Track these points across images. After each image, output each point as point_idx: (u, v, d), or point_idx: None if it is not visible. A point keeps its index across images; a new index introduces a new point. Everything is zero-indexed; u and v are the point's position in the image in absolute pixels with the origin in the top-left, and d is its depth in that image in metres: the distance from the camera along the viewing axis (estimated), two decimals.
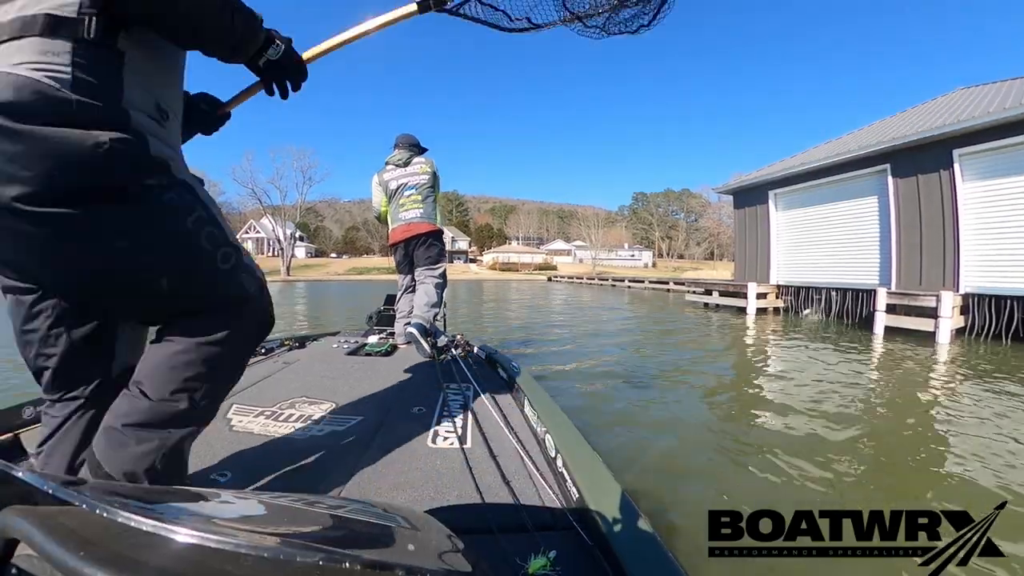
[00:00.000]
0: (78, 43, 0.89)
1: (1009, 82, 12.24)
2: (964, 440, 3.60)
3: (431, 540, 0.55)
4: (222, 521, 0.48)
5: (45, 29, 0.87)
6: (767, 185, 15.14)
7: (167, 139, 1.05)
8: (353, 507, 0.65)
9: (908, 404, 4.73)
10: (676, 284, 28.32)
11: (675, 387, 5.39)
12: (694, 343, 8.89)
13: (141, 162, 0.97)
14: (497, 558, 1.05)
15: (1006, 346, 8.32)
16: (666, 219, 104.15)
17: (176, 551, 0.35)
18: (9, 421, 1.81)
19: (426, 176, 3.88)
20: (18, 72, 0.84)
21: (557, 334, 9.91)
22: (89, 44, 0.90)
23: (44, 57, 0.86)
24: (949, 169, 9.94)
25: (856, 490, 2.77)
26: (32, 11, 0.87)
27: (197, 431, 1.14)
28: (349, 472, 1.55)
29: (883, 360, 7.07)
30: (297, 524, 0.55)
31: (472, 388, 2.47)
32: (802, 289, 13.66)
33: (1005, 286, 9.03)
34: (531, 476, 1.53)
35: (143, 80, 1.00)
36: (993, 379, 5.73)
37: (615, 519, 1.12)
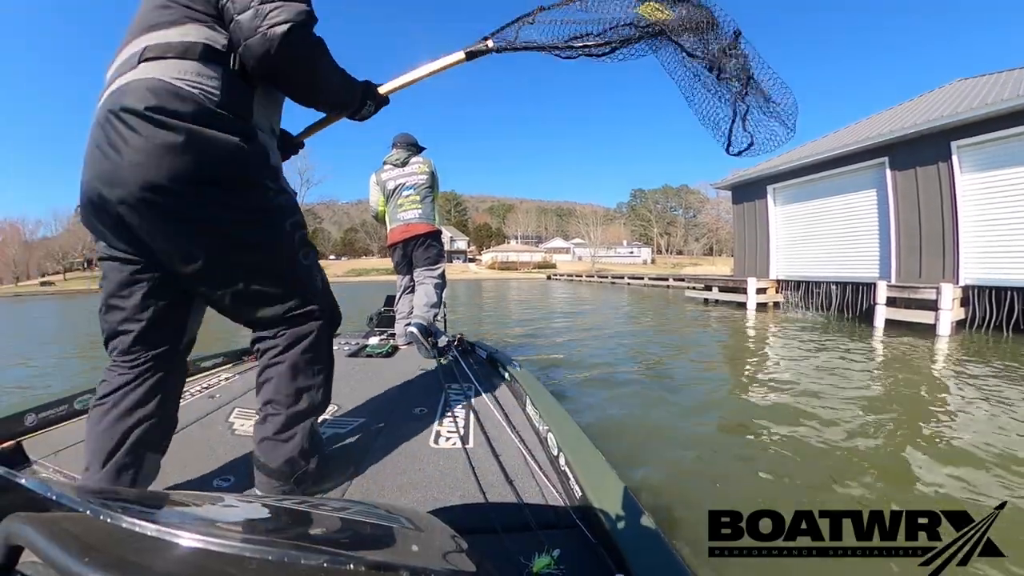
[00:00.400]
0: (225, 71, 1.15)
1: (1007, 73, 12.22)
2: (965, 436, 3.60)
3: (435, 541, 0.55)
4: (226, 525, 0.48)
5: (203, 56, 1.12)
6: (766, 180, 15.11)
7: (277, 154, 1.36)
8: (356, 509, 0.65)
9: (909, 398, 4.73)
10: (676, 280, 28.32)
11: (675, 384, 5.39)
12: (694, 339, 8.89)
13: (265, 166, 1.25)
14: (501, 557, 1.05)
15: (1007, 338, 8.32)
16: (664, 215, 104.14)
17: (180, 555, 0.35)
18: (11, 428, 1.81)
19: (424, 176, 3.85)
20: (180, 85, 1.08)
21: (557, 333, 9.90)
22: (232, 73, 1.16)
23: (200, 78, 1.11)
24: (948, 161, 9.92)
25: (856, 488, 2.77)
26: (193, 39, 1.12)
27: (320, 412, 1.46)
28: (352, 473, 1.55)
29: (884, 353, 7.06)
30: (300, 527, 0.55)
31: (474, 388, 2.47)
32: (802, 283, 13.66)
33: (1005, 278, 9.03)
34: (534, 475, 1.53)
35: (265, 105, 1.28)
36: (994, 372, 5.73)
37: (618, 517, 1.12)
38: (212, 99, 1.11)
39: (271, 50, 1.11)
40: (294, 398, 1.36)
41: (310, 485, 1.40)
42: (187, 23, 1.13)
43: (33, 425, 1.89)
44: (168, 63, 1.09)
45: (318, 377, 1.42)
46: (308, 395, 1.38)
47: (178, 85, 1.08)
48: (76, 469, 1.60)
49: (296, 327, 1.37)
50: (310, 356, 1.38)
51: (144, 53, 1.10)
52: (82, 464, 1.29)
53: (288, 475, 1.34)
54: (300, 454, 1.36)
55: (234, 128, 1.14)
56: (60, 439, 1.85)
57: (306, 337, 1.38)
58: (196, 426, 2.02)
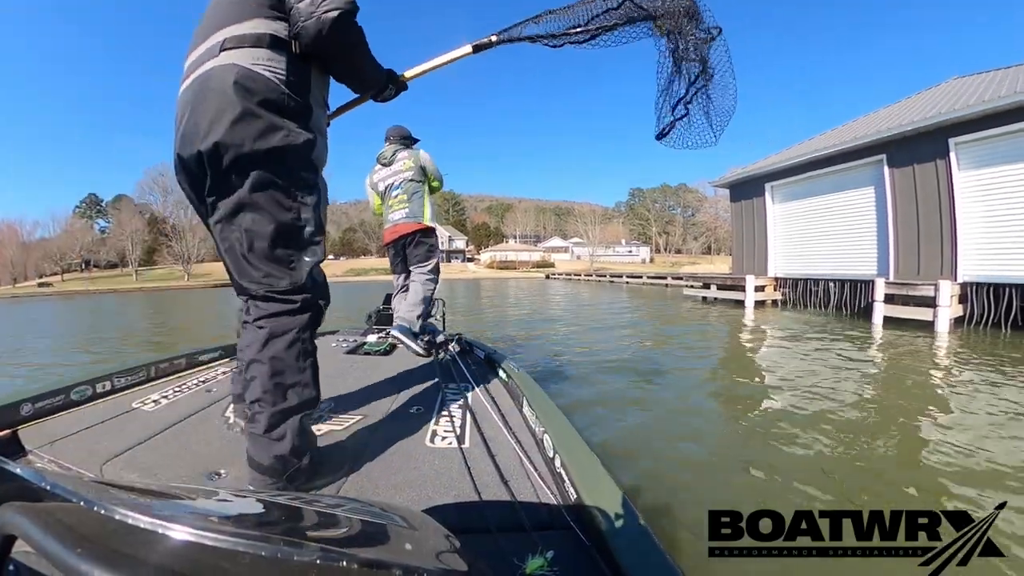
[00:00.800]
0: (289, 55, 1.38)
1: (1003, 71, 12.23)
2: (964, 435, 3.60)
3: (428, 539, 0.55)
4: (220, 519, 0.48)
5: (271, 44, 1.36)
6: (763, 178, 15.12)
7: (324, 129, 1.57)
8: (351, 506, 0.65)
9: (907, 396, 4.74)
10: (674, 279, 28.33)
11: (674, 383, 5.39)
12: (693, 337, 8.89)
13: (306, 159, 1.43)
14: (495, 558, 1.05)
15: (1005, 334, 8.33)
16: (663, 214, 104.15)
17: (174, 548, 0.35)
18: (7, 417, 1.81)
19: (410, 172, 3.77)
20: (255, 69, 1.33)
21: (556, 332, 9.89)
22: (294, 56, 1.39)
23: (270, 61, 1.35)
24: (945, 158, 9.93)
25: (855, 488, 2.77)
26: (262, 30, 1.35)
27: (311, 409, 1.46)
28: (347, 471, 1.55)
29: (882, 350, 7.07)
30: (294, 523, 0.55)
31: (471, 388, 2.47)
32: (800, 281, 13.67)
33: (1003, 274, 9.03)
34: (529, 476, 1.53)
35: (318, 80, 1.50)
36: (993, 369, 5.74)
37: (613, 519, 1.12)
38: (279, 77, 1.36)
39: (323, 31, 1.33)
40: (281, 395, 1.38)
41: (303, 482, 1.41)
42: (255, 17, 1.36)
43: (29, 414, 1.89)
44: (244, 51, 1.33)
45: (304, 373, 1.43)
46: (294, 391, 1.40)
47: (254, 69, 1.32)
48: (72, 459, 1.60)
49: (280, 316, 1.41)
50: (295, 351, 1.41)
51: (224, 44, 1.34)
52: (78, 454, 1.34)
53: (280, 472, 1.37)
54: (291, 452, 1.38)
55: (292, 105, 1.38)
56: (56, 429, 1.84)
57: (289, 331, 1.41)
58: (192, 420, 2.01)
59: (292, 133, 1.36)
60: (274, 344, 1.39)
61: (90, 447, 1.70)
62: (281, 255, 1.40)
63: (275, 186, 1.35)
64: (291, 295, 1.42)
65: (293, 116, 1.38)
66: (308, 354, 1.45)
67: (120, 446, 1.71)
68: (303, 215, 1.42)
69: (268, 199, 1.35)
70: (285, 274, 1.41)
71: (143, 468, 1.57)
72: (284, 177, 1.37)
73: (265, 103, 1.32)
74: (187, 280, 66.63)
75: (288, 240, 1.40)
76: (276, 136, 1.32)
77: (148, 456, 1.66)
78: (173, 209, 77.72)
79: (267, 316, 1.41)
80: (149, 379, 2.56)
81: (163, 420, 1.98)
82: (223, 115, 1.27)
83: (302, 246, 1.44)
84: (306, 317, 1.45)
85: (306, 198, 1.43)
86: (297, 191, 1.40)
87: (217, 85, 1.30)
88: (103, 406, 2.15)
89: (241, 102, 1.28)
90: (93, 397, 2.21)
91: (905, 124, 10.56)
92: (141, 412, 2.10)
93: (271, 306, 1.41)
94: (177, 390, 2.42)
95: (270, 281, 1.40)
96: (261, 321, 1.41)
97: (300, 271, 1.43)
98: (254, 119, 1.29)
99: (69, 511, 0.39)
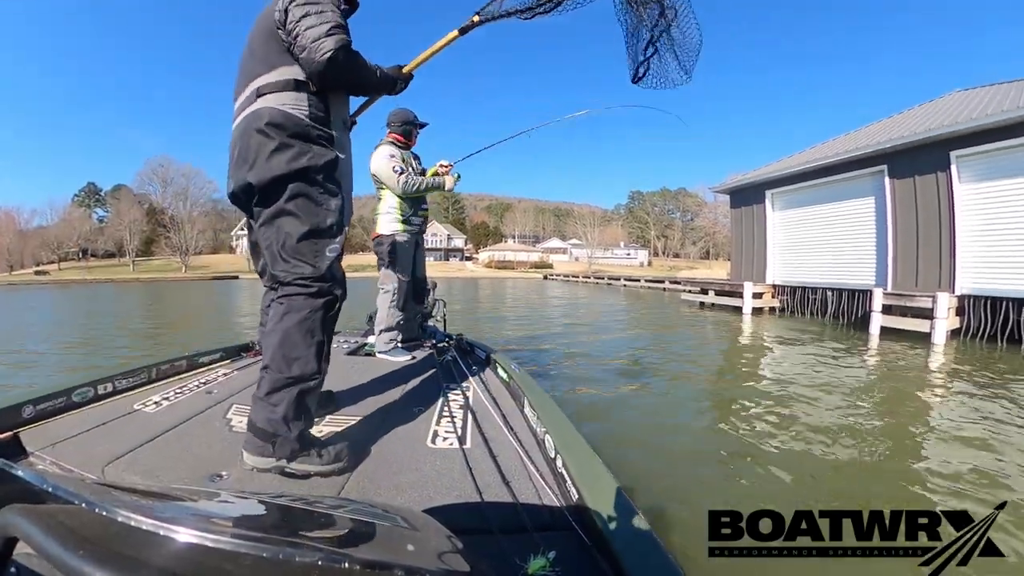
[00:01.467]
0: (310, 92, 1.67)
1: (1006, 85, 12.27)
2: (962, 441, 3.62)
3: (430, 540, 0.55)
4: (221, 521, 0.47)
5: (296, 86, 1.65)
6: (764, 185, 15.14)
7: (347, 145, 1.87)
8: (352, 507, 0.65)
9: (905, 405, 4.75)
10: (672, 283, 28.34)
11: (673, 388, 5.40)
12: (691, 344, 8.91)
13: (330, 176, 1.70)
14: (496, 558, 1.05)
15: (1001, 348, 8.35)
16: (662, 218, 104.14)
17: (175, 550, 0.35)
18: (9, 420, 1.80)
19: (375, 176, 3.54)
20: (283, 109, 1.62)
21: (555, 333, 9.91)
22: (313, 93, 1.68)
23: (295, 101, 1.65)
24: (946, 171, 9.95)
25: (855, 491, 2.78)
26: (286, 77, 1.65)
27: (309, 386, 1.60)
28: (348, 472, 1.55)
29: (879, 361, 7.09)
30: (296, 524, 0.55)
31: (472, 388, 2.47)
32: (798, 289, 13.69)
33: (1001, 287, 9.05)
34: (531, 477, 1.53)
35: (335, 105, 1.77)
36: (989, 381, 5.75)
37: (614, 519, 1.12)
38: (304, 113, 1.65)
39: (324, 70, 1.60)
40: (285, 364, 1.57)
41: (288, 455, 1.53)
42: (281, 66, 1.66)
43: (31, 416, 1.88)
44: (275, 96, 1.63)
45: (309, 349, 1.61)
46: (298, 363, 1.58)
47: (283, 109, 1.62)
48: (73, 461, 1.60)
49: (298, 296, 1.63)
50: (306, 327, 1.61)
51: (260, 90, 1.65)
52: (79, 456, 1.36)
53: (269, 435, 1.52)
54: (282, 419, 1.52)
55: (316, 135, 1.67)
56: (58, 431, 1.84)
57: (303, 310, 1.62)
58: (193, 421, 2.01)
59: (316, 155, 1.64)
60: (288, 318, 1.60)
61: (92, 449, 1.70)
62: (307, 249, 1.64)
63: (305, 196, 1.63)
64: (311, 281, 1.63)
65: (318, 141, 1.66)
66: (315, 334, 1.63)
67: (122, 448, 1.70)
68: (328, 219, 1.67)
69: (299, 206, 1.63)
70: (309, 264, 1.63)
71: (145, 470, 1.57)
72: (312, 189, 1.64)
73: (295, 135, 1.61)
74: (184, 272, 66.63)
75: (313, 237, 1.64)
76: (304, 159, 1.61)
77: (150, 458, 1.65)
78: (172, 200, 77.88)
79: (287, 296, 1.64)
80: (150, 381, 2.55)
81: (164, 422, 1.98)
82: (264, 147, 1.59)
83: (325, 243, 1.67)
84: (321, 302, 1.65)
85: (330, 203, 1.68)
86: (322, 199, 1.67)
87: (257, 125, 1.61)
88: (104, 408, 2.14)
89: (277, 137, 1.59)
90: (94, 399, 2.20)
91: (907, 135, 10.57)
92: (142, 414, 2.10)
93: (292, 288, 1.63)
94: (178, 392, 2.42)
95: (297, 269, 1.63)
96: (282, 299, 1.65)
97: (322, 263, 1.65)
98: (287, 148, 1.60)
99: (71, 513, 0.38)
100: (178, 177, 78.88)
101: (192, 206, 78.04)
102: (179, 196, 77.50)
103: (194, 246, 74.52)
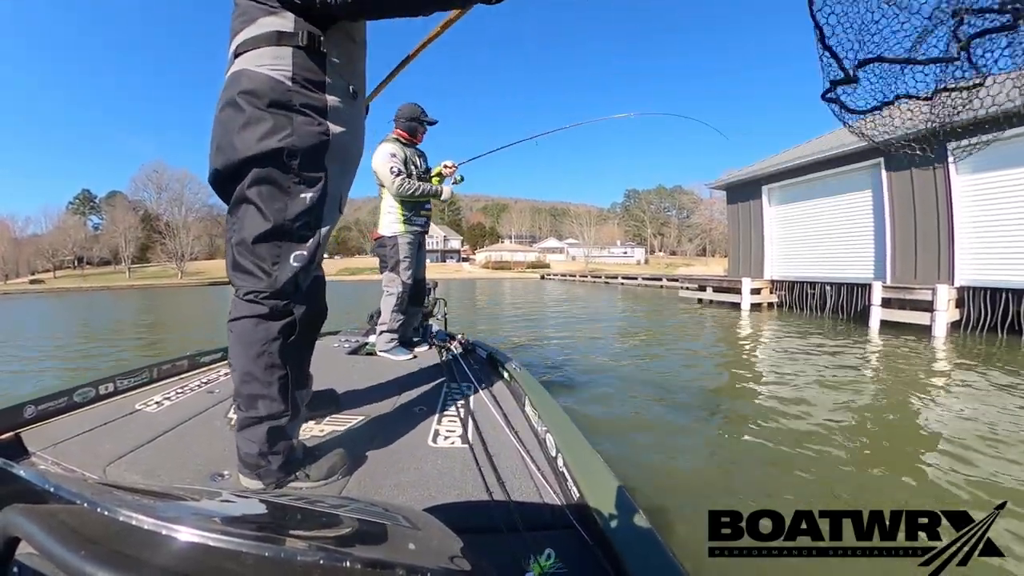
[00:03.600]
0: (294, 48, 1.31)
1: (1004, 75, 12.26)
2: (963, 437, 3.62)
3: (432, 539, 0.55)
4: (223, 520, 0.47)
5: (276, 40, 1.31)
6: (761, 180, 15.16)
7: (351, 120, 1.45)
8: (354, 506, 0.65)
9: (905, 400, 4.76)
10: (669, 280, 28.38)
11: (672, 385, 5.40)
12: (689, 341, 8.92)
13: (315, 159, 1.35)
14: (498, 557, 1.05)
15: (1001, 339, 8.38)
16: (658, 216, 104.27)
17: (177, 550, 0.35)
18: (10, 420, 1.80)
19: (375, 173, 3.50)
20: (259, 70, 1.29)
21: (554, 332, 9.92)
22: (301, 48, 1.32)
23: (274, 60, 1.30)
24: (943, 162, 9.96)
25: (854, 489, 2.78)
26: (265, 30, 1.31)
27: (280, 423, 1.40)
28: (350, 471, 1.55)
29: (879, 355, 7.11)
30: (298, 523, 0.55)
31: (473, 387, 2.47)
32: (796, 284, 13.70)
33: (1000, 279, 9.08)
34: (532, 475, 1.53)
35: (338, 69, 1.40)
36: (990, 373, 5.77)
37: (616, 518, 1.12)
38: (285, 74, 1.30)
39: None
40: (251, 403, 1.37)
41: (276, 483, 1.41)
42: (259, 17, 1.33)
43: (32, 417, 1.88)
44: (253, 53, 1.31)
45: (271, 387, 1.36)
46: (263, 402, 1.36)
47: (261, 71, 1.29)
48: (75, 461, 1.60)
49: (246, 320, 1.35)
50: (264, 363, 1.35)
51: (236, 49, 1.34)
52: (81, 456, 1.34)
53: (252, 467, 1.40)
54: (259, 454, 1.38)
55: (303, 102, 1.32)
56: (59, 431, 1.84)
57: (255, 341, 1.35)
58: (195, 421, 2.01)
59: (298, 132, 1.30)
60: (242, 353, 1.35)
61: (93, 449, 1.70)
62: (265, 253, 1.34)
63: (271, 182, 1.31)
64: (263, 298, 1.35)
65: (303, 111, 1.32)
66: (277, 368, 1.37)
67: (123, 448, 1.70)
68: (293, 211, 1.34)
69: (262, 194, 1.31)
70: (263, 273, 1.35)
71: (146, 469, 1.57)
72: (284, 174, 1.31)
73: (273, 104, 1.28)
74: (180, 278, 66.49)
75: (275, 238, 1.34)
76: (278, 136, 1.27)
77: (151, 457, 1.65)
78: (167, 206, 77.85)
79: (237, 319, 1.36)
80: (152, 380, 2.55)
81: (166, 421, 1.98)
82: (232, 122, 1.29)
83: (289, 247, 1.36)
84: (276, 327, 1.36)
85: (304, 194, 1.34)
86: (293, 188, 1.33)
87: (229, 94, 1.31)
88: (106, 408, 2.14)
89: (248, 107, 1.28)
90: (96, 399, 2.20)
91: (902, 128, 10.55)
92: (144, 413, 2.10)
93: (242, 307, 1.36)
94: (180, 391, 2.42)
95: (247, 281, 1.35)
96: (232, 324, 1.37)
97: (281, 273, 1.35)
98: (259, 123, 1.27)
99: (73, 513, 0.38)
100: (172, 183, 78.86)
101: (187, 212, 78.00)
102: (174, 202, 77.44)
103: (190, 252, 74.38)
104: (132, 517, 0.35)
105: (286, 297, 1.37)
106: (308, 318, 1.44)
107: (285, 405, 1.39)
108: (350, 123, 1.44)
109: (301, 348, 1.46)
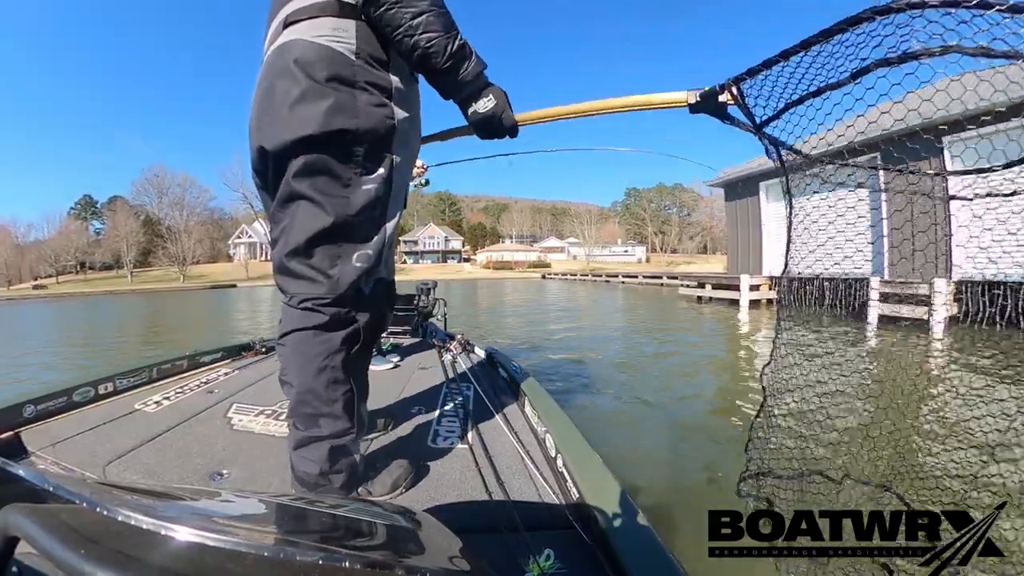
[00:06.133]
0: (359, 21, 1.16)
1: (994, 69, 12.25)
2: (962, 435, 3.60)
3: (431, 539, 0.55)
4: (223, 520, 0.48)
5: (338, 11, 1.15)
6: (758, 177, 15.14)
7: (413, 104, 1.32)
8: (353, 506, 0.65)
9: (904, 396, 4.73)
10: (669, 278, 28.36)
11: (672, 384, 5.40)
12: (688, 339, 8.91)
13: (382, 146, 1.20)
14: (497, 557, 1.05)
15: (1000, 333, 8.36)
16: (659, 214, 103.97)
17: (177, 549, 0.35)
18: (10, 419, 1.80)
19: None
20: (319, 41, 1.14)
21: (554, 332, 9.91)
22: (365, 22, 1.17)
23: (335, 31, 1.15)
24: (939, 156, 9.94)
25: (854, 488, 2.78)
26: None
27: (342, 442, 1.27)
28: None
29: (877, 350, 7.09)
30: (297, 523, 0.55)
31: (472, 388, 2.47)
32: (794, 280, 13.62)
33: (998, 272, 9.04)
34: (531, 476, 1.53)
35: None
36: (989, 367, 5.76)
37: (615, 518, 1.12)
38: (349, 48, 1.16)
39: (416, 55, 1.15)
40: (312, 422, 1.24)
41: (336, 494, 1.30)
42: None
43: (32, 416, 1.88)
44: (307, 23, 1.16)
45: (335, 405, 1.24)
46: (325, 420, 1.24)
47: (320, 42, 1.14)
48: (74, 461, 1.60)
49: (305, 332, 1.22)
50: (326, 379, 1.22)
51: (287, 19, 1.19)
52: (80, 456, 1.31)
53: (312, 486, 1.26)
54: (319, 474, 1.25)
55: (366, 78, 1.17)
56: (59, 431, 1.84)
57: (317, 356, 1.21)
58: (195, 421, 2.02)
59: (365, 111, 1.15)
60: (300, 368, 1.22)
61: (93, 448, 1.70)
62: (323, 255, 1.20)
63: (328, 172, 1.16)
64: (324, 306, 1.21)
65: (368, 89, 1.17)
66: (341, 383, 1.25)
67: (123, 447, 1.71)
68: (357, 205, 1.19)
69: (318, 186, 1.16)
70: (323, 277, 1.20)
71: (146, 469, 1.57)
72: (344, 162, 1.16)
73: (334, 78, 1.13)
74: (182, 282, 66.40)
75: (335, 239, 1.19)
76: (345, 114, 1.13)
77: (151, 457, 1.66)
78: (168, 210, 77.60)
79: (293, 331, 1.23)
80: (151, 380, 2.55)
81: (165, 421, 1.98)
82: (287, 94, 1.13)
83: (352, 248, 1.21)
84: (339, 336, 1.23)
85: (368, 185, 1.19)
86: (355, 179, 1.18)
87: (282, 62, 1.15)
88: (105, 407, 2.15)
89: (307, 79, 1.12)
90: (95, 398, 2.20)
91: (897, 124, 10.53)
92: (143, 413, 2.10)
93: (297, 317, 1.22)
94: (179, 391, 2.42)
95: (304, 287, 1.21)
96: (286, 338, 1.24)
97: (343, 278, 1.21)
98: (322, 97, 1.12)
99: (72, 512, 0.38)
100: (173, 187, 78.62)
101: (188, 215, 77.84)
102: (175, 206, 77.24)
103: (191, 256, 74.30)
104: (131, 517, 0.35)
105: (348, 304, 1.23)
106: (372, 325, 1.31)
107: (351, 422, 1.27)
108: (412, 108, 1.30)
109: (365, 358, 1.37)
